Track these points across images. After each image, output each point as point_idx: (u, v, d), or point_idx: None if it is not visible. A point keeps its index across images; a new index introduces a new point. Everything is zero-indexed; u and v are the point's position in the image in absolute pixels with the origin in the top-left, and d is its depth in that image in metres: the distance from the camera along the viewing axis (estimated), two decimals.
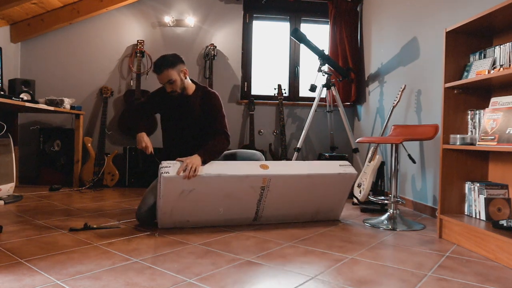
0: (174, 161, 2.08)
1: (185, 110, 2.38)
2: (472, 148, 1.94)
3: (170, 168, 2.02)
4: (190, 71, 4.13)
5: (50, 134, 3.84)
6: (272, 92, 4.19)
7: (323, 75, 3.57)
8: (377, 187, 3.14)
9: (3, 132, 2.95)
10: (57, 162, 3.82)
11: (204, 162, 2.11)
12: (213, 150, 2.21)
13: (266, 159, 4.04)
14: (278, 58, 4.43)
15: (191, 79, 2.44)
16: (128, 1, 3.98)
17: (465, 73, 2.14)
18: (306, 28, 4.43)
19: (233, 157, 2.43)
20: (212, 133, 2.33)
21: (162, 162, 2.07)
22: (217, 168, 2.11)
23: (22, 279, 1.37)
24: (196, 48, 4.17)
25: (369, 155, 3.08)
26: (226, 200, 2.16)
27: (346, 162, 2.44)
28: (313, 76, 3.54)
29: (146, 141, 2.30)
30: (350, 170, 2.36)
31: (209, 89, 2.47)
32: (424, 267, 1.63)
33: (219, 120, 2.35)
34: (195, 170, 2.03)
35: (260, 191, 2.19)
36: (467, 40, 2.17)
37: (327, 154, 3.66)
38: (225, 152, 2.48)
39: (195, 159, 2.08)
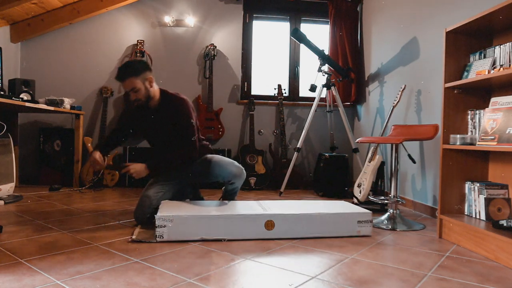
0: (171, 210, 1.97)
1: (153, 124, 2.36)
2: (472, 148, 1.94)
3: (165, 230, 1.90)
4: (190, 71, 4.15)
5: (50, 134, 3.84)
6: (272, 92, 4.19)
7: (323, 75, 3.57)
8: (377, 187, 3.14)
9: (3, 132, 2.95)
10: (57, 162, 3.82)
11: (150, 169, 2.24)
12: (169, 161, 2.30)
13: (266, 159, 4.09)
14: (278, 58, 4.43)
15: (161, 89, 2.39)
16: (128, 1, 3.98)
17: (465, 73, 2.14)
18: (306, 28, 4.43)
19: (208, 163, 2.39)
20: (181, 144, 2.31)
21: (157, 218, 1.90)
22: (215, 232, 1.98)
23: (22, 279, 1.37)
24: (196, 48, 4.17)
25: (369, 155, 3.08)
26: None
27: (367, 215, 2.13)
28: (313, 76, 3.54)
29: (94, 161, 2.33)
30: (367, 231, 2.13)
31: (176, 96, 2.35)
32: (424, 267, 1.63)
33: (186, 131, 2.30)
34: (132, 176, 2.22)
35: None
36: (467, 40, 2.17)
37: (327, 154, 3.66)
38: (204, 157, 2.45)
39: (139, 167, 2.21)
